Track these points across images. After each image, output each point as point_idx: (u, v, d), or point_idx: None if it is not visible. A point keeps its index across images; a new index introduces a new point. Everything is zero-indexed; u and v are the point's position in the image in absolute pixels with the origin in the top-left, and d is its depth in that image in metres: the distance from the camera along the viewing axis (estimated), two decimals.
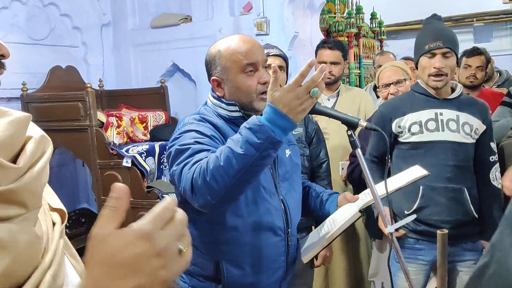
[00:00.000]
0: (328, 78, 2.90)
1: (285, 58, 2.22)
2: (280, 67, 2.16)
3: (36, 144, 0.67)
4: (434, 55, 2.02)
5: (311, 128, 2.29)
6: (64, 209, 0.78)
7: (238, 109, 1.53)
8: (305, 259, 1.62)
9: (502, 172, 2.18)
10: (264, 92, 1.44)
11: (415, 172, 1.73)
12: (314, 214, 1.76)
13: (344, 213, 1.60)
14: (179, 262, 0.56)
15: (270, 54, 2.15)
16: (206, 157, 1.33)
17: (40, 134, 0.70)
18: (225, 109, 1.55)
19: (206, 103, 1.63)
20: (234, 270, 1.51)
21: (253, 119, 1.26)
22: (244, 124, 1.29)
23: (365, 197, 1.63)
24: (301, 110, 1.24)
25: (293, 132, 2.17)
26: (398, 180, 1.70)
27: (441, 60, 2.00)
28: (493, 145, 2.12)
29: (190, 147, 1.40)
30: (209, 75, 1.58)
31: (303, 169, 2.03)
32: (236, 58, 1.50)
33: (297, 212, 1.64)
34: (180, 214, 0.59)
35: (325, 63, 2.89)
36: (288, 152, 1.65)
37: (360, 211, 1.56)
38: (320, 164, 2.29)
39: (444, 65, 2.00)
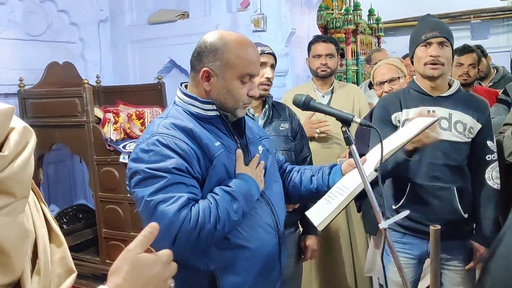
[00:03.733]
0: (324, 71, 2.93)
1: (275, 56, 2.23)
2: (272, 65, 2.20)
3: (20, 135, 0.69)
4: (430, 44, 2.00)
5: (295, 124, 2.31)
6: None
7: (216, 108, 1.45)
8: (320, 226, 1.50)
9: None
10: (249, 103, 1.52)
11: (422, 122, 1.67)
12: (319, 191, 1.66)
13: (354, 177, 1.52)
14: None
15: (265, 51, 2.17)
16: (187, 197, 1.32)
17: (23, 125, 0.72)
18: (200, 108, 1.46)
19: (175, 102, 1.53)
20: (231, 277, 1.43)
21: (244, 185, 1.42)
22: (236, 188, 1.39)
23: (374, 156, 1.58)
24: (261, 186, 1.51)
25: (280, 128, 2.19)
26: (405, 133, 1.64)
27: (437, 49, 1.98)
28: (490, 143, 2.05)
29: (167, 177, 1.31)
30: (200, 63, 1.46)
31: (290, 163, 2.04)
32: (241, 62, 1.43)
33: (281, 207, 1.60)
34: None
35: (321, 55, 2.91)
36: (261, 148, 1.61)
37: (375, 170, 1.51)
38: (304, 158, 2.32)
39: (440, 54, 1.98)
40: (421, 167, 2.01)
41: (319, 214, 1.53)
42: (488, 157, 2.05)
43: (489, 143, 2.06)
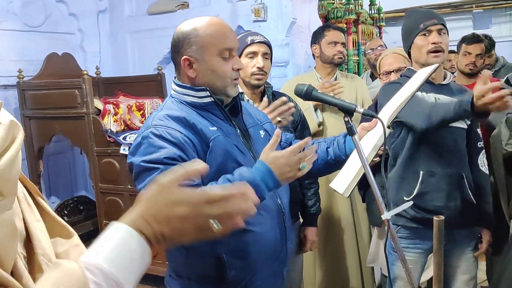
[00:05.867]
0: (341, 58, 2.92)
1: (269, 45, 2.18)
2: (265, 54, 2.14)
3: (6, 131, 0.66)
4: (430, 32, 2.00)
5: (296, 115, 2.25)
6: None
7: (209, 94, 1.47)
8: (346, 192, 1.52)
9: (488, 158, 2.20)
10: (237, 79, 1.50)
11: (423, 72, 1.71)
12: (338, 162, 1.63)
13: (370, 139, 1.53)
14: (204, 233, 0.73)
15: (255, 41, 2.12)
16: None
17: (9, 119, 0.68)
18: (194, 96, 1.48)
19: (171, 95, 1.55)
20: (237, 262, 1.44)
21: (248, 174, 1.32)
22: (238, 175, 1.33)
23: (385, 114, 1.59)
24: (287, 177, 1.35)
25: None
26: (410, 86, 1.66)
27: (438, 36, 1.99)
28: (478, 131, 2.12)
29: (159, 168, 1.32)
30: (179, 54, 1.48)
31: None
32: (215, 40, 1.45)
33: (285, 191, 1.60)
34: (239, 196, 0.73)
35: (337, 43, 2.89)
36: (262, 133, 1.61)
37: (388, 127, 1.53)
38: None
39: (441, 41, 1.99)
40: (433, 155, 2.00)
41: (342, 182, 1.53)
42: (479, 144, 2.12)
43: (478, 130, 2.12)
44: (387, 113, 1.59)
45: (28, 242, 0.73)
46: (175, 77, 1.56)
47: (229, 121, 1.52)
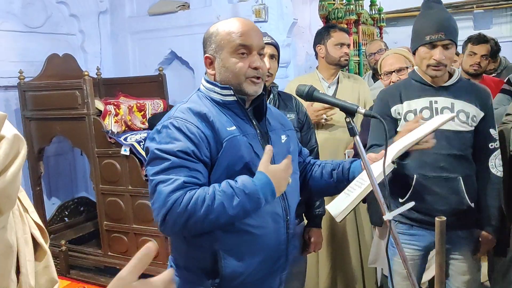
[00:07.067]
0: (347, 60, 2.94)
1: (276, 46, 2.18)
2: (272, 56, 2.14)
3: (10, 145, 0.64)
4: (434, 46, 1.96)
5: (301, 115, 2.28)
6: (42, 225, 0.79)
7: (233, 93, 1.50)
8: (339, 217, 1.54)
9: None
10: (254, 77, 1.50)
11: (439, 118, 1.71)
12: (339, 185, 1.66)
13: (373, 170, 1.52)
14: None
15: None
16: (182, 180, 1.35)
17: (13, 133, 0.66)
18: (219, 93, 1.51)
19: (199, 89, 1.60)
20: (233, 260, 1.45)
21: (251, 185, 1.35)
22: (242, 186, 1.35)
23: (393, 149, 1.60)
24: (281, 190, 1.43)
25: None
26: (423, 129, 1.67)
27: (442, 51, 1.95)
28: (493, 131, 2.06)
29: (170, 160, 1.38)
30: (204, 54, 1.56)
31: None
32: (230, 37, 1.48)
33: (294, 199, 1.60)
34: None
35: (344, 44, 2.89)
36: (284, 138, 1.62)
37: (392, 162, 1.54)
38: (311, 150, 2.28)
39: (444, 57, 1.96)
40: (426, 158, 1.99)
41: (338, 206, 1.55)
42: (491, 145, 2.07)
43: (491, 131, 2.07)
44: (395, 149, 1.59)
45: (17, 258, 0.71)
46: (205, 73, 1.60)
47: (250, 121, 1.53)
